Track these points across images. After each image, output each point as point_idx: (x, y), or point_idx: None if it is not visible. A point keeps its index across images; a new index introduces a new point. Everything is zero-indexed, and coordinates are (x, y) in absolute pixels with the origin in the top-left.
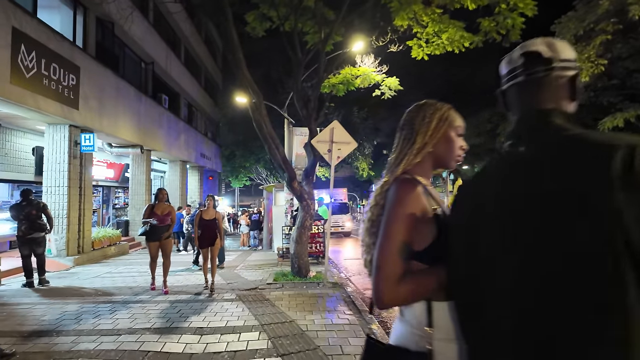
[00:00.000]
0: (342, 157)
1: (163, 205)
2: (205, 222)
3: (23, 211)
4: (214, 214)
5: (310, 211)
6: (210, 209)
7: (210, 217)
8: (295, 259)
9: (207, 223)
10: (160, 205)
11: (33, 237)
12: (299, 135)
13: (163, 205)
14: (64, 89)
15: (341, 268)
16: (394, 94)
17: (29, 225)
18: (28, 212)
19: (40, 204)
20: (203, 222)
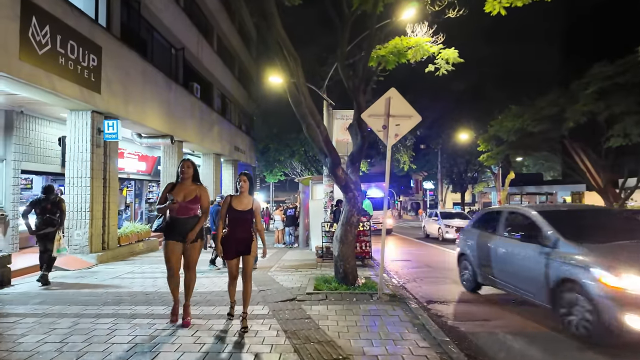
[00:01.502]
0: (402, 134)
1: (188, 186)
2: (237, 215)
3: (40, 205)
4: (250, 202)
5: (357, 205)
6: (244, 195)
7: (244, 207)
8: (341, 262)
9: (239, 216)
10: (184, 185)
11: (45, 232)
12: (340, 119)
13: (189, 185)
14: (84, 70)
15: (390, 272)
16: (451, 69)
17: (42, 220)
18: (44, 207)
19: (56, 198)
20: (233, 215)
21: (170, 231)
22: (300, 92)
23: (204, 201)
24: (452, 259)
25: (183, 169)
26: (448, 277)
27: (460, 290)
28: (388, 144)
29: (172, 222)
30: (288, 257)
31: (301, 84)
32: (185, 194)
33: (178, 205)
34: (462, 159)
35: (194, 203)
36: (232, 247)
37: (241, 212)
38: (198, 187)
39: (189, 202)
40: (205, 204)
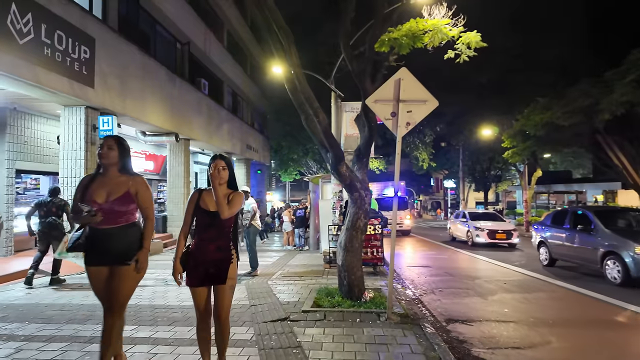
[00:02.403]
0: (415, 123)
1: (114, 177)
2: (208, 221)
3: (44, 207)
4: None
5: (364, 206)
6: (220, 186)
7: None
8: (345, 273)
9: (211, 222)
10: (106, 178)
11: (50, 233)
12: (350, 111)
13: (114, 176)
14: (74, 62)
15: (405, 280)
16: (473, 54)
17: (44, 222)
18: (48, 209)
19: (62, 202)
20: (202, 220)
21: (90, 250)
22: (294, 74)
23: (143, 198)
24: (480, 266)
25: (103, 150)
26: (472, 288)
27: (485, 305)
28: (398, 134)
29: (91, 236)
30: (294, 262)
31: (294, 64)
32: (109, 191)
33: (102, 216)
34: (485, 156)
35: (124, 204)
36: (198, 269)
37: (215, 215)
38: (131, 179)
39: (116, 203)
40: (146, 202)
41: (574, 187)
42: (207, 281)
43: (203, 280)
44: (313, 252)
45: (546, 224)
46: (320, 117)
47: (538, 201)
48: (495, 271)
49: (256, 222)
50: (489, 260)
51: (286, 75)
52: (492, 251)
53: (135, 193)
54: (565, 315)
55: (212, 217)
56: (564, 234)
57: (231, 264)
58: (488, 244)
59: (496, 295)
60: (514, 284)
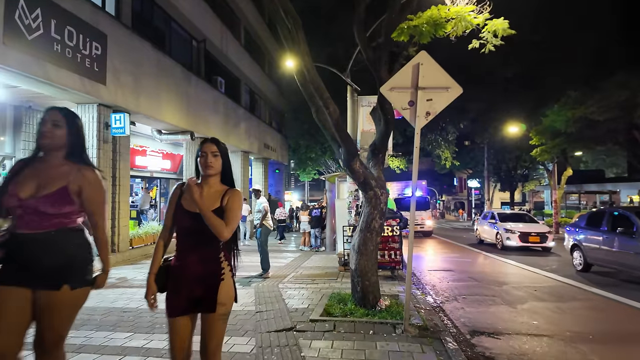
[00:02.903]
0: (436, 112)
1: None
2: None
3: None
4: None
5: (379, 206)
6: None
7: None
8: (358, 278)
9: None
10: (45, 165)
11: None
12: (366, 105)
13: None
14: (85, 58)
15: (425, 286)
16: (500, 44)
17: None
18: None
19: None
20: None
21: (5, 263)
22: (302, 64)
23: (89, 199)
24: (508, 270)
25: (45, 127)
26: (499, 295)
27: (514, 315)
28: (416, 125)
29: (9, 242)
30: (309, 264)
31: (302, 52)
32: (39, 184)
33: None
34: (511, 155)
35: (55, 203)
36: (178, 291)
37: (199, 217)
38: (74, 171)
39: (42, 201)
40: (92, 206)
41: (607, 187)
42: (190, 308)
43: (185, 307)
44: (329, 254)
45: (580, 226)
46: (331, 109)
47: (568, 202)
48: (524, 276)
49: (267, 222)
50: (517, 265)
51: (296, 66)
52: (523, 255)
53: (78, 191)
54: (607, 329)
55: (196, 220)
56: (601, 237)
57: (222, 281)
58: (520, 247)
59: (526, 303)
60: (546, 291)
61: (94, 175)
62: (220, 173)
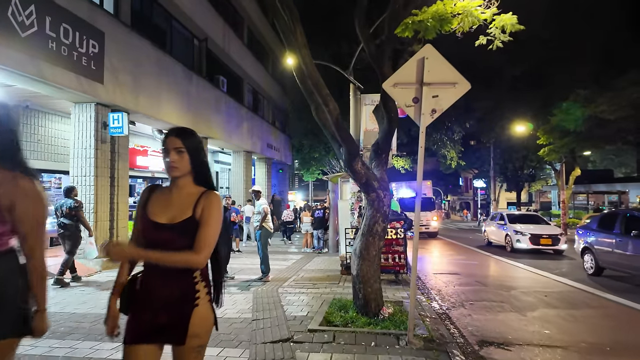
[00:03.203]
0: (442, 110)
1: None
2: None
3: (60, 209)
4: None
5: (382, 208)
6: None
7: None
8: (360, 285)
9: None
10: None
11: (63, 233)
12: (369, 104)
13: None
14: (82, 57)
15: (430, 290)
16: (508, 40)
17: (58, 222)
18: (61, 211)
19: (74, 205)
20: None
21: None
22: (300, 58)
23: (21, 216)
24: (516, 274)
25: None
26: (507, 301)
27: (525, 324)
28: (421, 123)
29: None
30: (311, 266)
31: (300, 45)
32: None
33: None
34: (518, 155)
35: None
36: (142, 314)
37: (168, 228)
38: (11, 177)
39: None
40: (25, 225)
41: (616, 187)
42: (152, 336)
43: (146, 335)
44: (332, 256)
45: (592, 228)
46: (331, 107)
47: (575, 202)
48: (533, 280)
49: (268, 223)
50: (526, 268)
51: (294, 60)
52: (533, 258)
53: (9, 206)
54: (625, 339)
55: (161, 231)
56: (614, 240)
57: (195, 307)
58: (530, 250)
59: (537, 310)
60: (557, 297)
61: (31, 186)
62: (192, 172)
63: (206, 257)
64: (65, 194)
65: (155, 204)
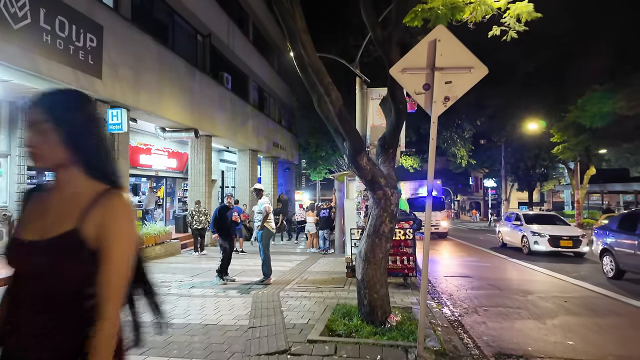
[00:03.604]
0: (456, 98)
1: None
2: (20, 257)
3: None
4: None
5: (390, 207)
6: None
7: (49, 229)
8: (364, 290)
9: (25, 263)
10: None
11: None
12: (377, 98)
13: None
14: (78, 50)
15: (441, 295)
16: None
17: None
18: None
19: None
20: (12, 254)
21: None
22: (299, 45)
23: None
24: (531, 277)
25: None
26: (524, 307)
27: (545, 333)
28: (432, 112)
29: None
30: (316, 268)
31: (300, 29)
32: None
33: None
34: (530, 153)
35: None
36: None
37: (34, 247)
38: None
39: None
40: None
41: (632, 187)
42: None
43: None
44: (338, 256)
45: (611, 229)
46: (333, 96)
47: (590, 202)
48: (550, 284)
49: (269, 224)
50: (541, 271)
51: (293, 46)
52: (550, 261)
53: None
54: None
55: (28, 254)
56: (637, 242)
57: None
58: (549, 252)
59: (557, 318)
60: (577, 303)
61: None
62: (76, 159)
63: (115, 318)
64: None
65: (30, 213)
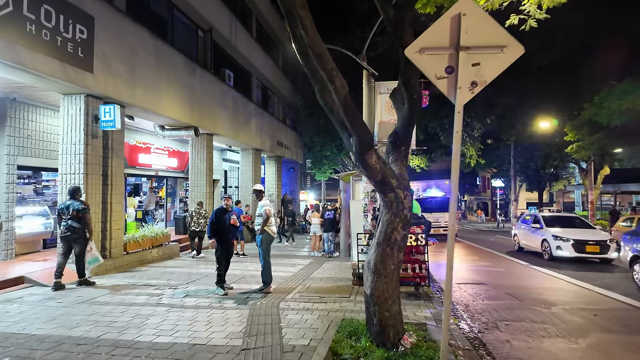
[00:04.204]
0: (485, 83)
1: None
2: None
3: (65, 211)
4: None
5: (403, 212)
6: None
7: None
8: (374, 307)
9: None
10: None
11: (68, 236)
12: (385, 92)
13: None
14: (67, 42)
15: (456, 305)
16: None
17: (66, 224)
18: (68, 212)
19: (79, 206)
20: None
21: None
22: (298, 23)
23: None
24: (550, 284)
25: None
26: (550, 322)
27: (579, 355)
28: (457, 100)
29: None
30: (320, 274)
31: (297, 4)
32: None
33: None
34: (540, 152)
35: None
36: None
37: None
38: None
39: None
40: None
41: None
42: None
43: None
44: (343, 260)
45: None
46: (338, 84)
47: (602, 203)
48: (574, 294)
49: (270, 227)
50: (562, 278)
51: (291, 28)
52: (573, 268)
53: None
54: None
55: None
56: None
57: None
58: (574, 258)
59: (590, 336)
60: (609, 317)
61: None
62: None
63: None
64: (71, 195)
65: None
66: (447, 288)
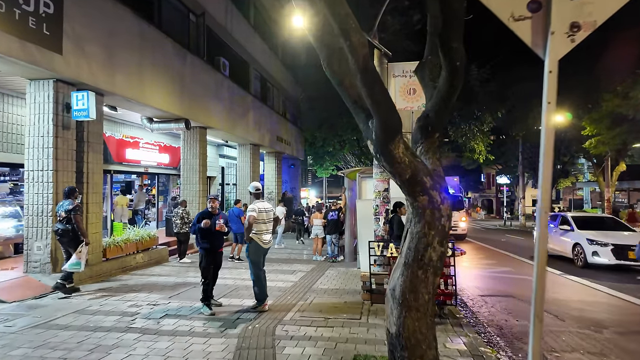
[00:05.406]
0: (595, 25)
1: None
2: None
3: (58, 211)
4: None
5: (440, 222)
6: None
7: None
8: (402, 352)
9: None
10: None
11: (59, 239)
12: (401, 76)
13: None
14: (27, 16)
15: (487, 327)
16: None
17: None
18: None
19: (69, 206)
20: None
21: None
22: None
23: None
24: (589, 297)
25: None
26: (610, 352)
27: None
28: (548, 52)
29: None
30: (323, 284)
31: None
32: None
33: None
34: None
35: None
36: None
37: None
38: None
39: None
40: None
41: None
42: None
43: None
44: (349, 266)
45: None
46: (354, 40)
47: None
48: (620, 310)
49: (259, 236)
50: (601, 289)
51: None
52: (613, 278)
53: None
54: None
55: None
56: None
57: None
58: (613, 266)
59: None
60: None
61: None
62: None
63: None
64: (65, 195)
65: None
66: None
